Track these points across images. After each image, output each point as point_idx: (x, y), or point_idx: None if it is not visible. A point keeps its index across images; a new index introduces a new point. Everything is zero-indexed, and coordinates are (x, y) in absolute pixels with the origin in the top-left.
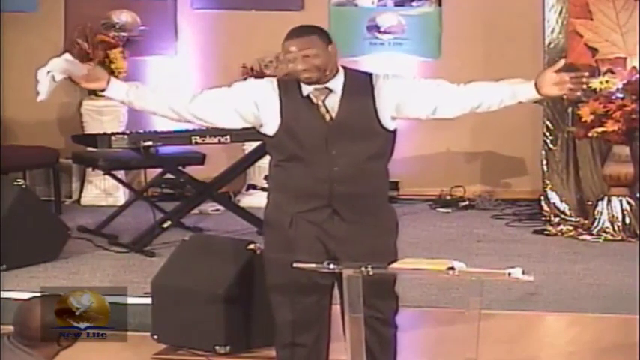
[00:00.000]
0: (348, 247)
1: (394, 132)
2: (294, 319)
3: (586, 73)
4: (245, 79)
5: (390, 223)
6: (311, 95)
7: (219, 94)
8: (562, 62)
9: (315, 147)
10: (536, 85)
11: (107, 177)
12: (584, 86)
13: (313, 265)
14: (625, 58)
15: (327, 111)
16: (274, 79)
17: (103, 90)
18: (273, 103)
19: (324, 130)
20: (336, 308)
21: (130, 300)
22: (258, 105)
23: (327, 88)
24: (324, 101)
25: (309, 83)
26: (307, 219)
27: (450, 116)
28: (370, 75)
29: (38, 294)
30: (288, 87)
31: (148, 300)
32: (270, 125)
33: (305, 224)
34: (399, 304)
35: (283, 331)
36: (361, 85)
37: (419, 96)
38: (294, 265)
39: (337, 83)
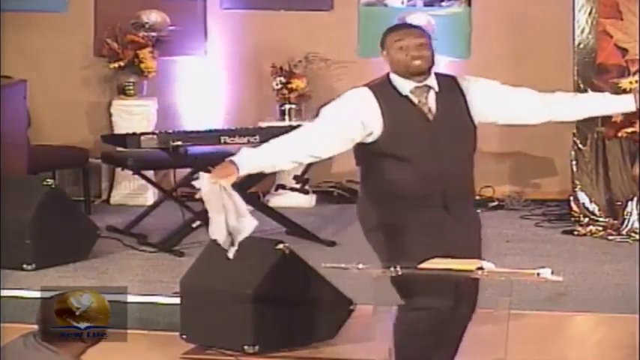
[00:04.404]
0: (460, 243)
1: None
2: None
3: None
4: (275, 78)
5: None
6: (410, 95)
7: (330, 128)
8: None
9: (422, 147)
10: None
11: (136, 177)
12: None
13: (343, 265)
14: None
15: (429, 110)
16: (365, 89)
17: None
18: (374, 111)
19: (428, 128)
20: (368, 308)
21: (159, 300)
22: (364, 123)
23: (426, 85)
24: (426, 99)
25: (418, 74)
26: (422, 218)
27: (529, 123)
28: (453, 77)
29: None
30: (384, 91)
31: (177, 300)
32: (376, 132)
33: (421, 223)
34: None
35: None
36: (451, 84)
37: (506, 103)
38: (324, 266)
39: (433, 81)
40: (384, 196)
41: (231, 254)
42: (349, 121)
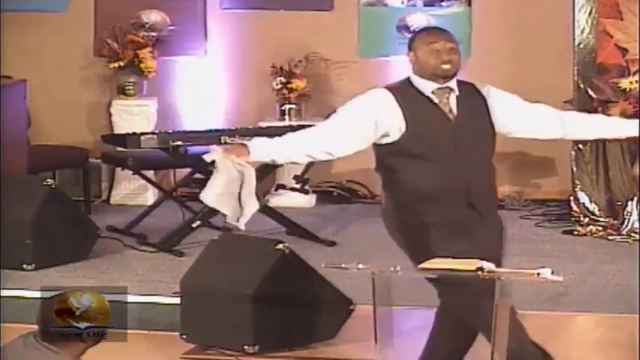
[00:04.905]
0: (484, 241)
1: None
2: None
3: None
4: (275, 78)
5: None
6: (431, 96)
7: (344, 126)
8: None
9: (444, 146)
10: None
11: (136, 177)
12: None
13: (343, 265)
14: None
15: (450, 110)
16: (385, 90)
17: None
18: (393, 112)
19: (450, 128)
20: (368, 308)
21: (159, 300)
22: (378, 124)
23: (448, 87)
24: (447, 99)
25: (444, 77)
26: (447, 216)
27: (543, 138)
28: (472, 84)
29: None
30: (405, 92)
31: (177, 300)
32: (394, 133)
33: (446, 221)
34: None
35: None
36: (470, 89)
37: (522, 116)
38: (324, 266)
39: (454, 84)
40: (408, 195)
41: (241, 225)
42: (362, 121)
